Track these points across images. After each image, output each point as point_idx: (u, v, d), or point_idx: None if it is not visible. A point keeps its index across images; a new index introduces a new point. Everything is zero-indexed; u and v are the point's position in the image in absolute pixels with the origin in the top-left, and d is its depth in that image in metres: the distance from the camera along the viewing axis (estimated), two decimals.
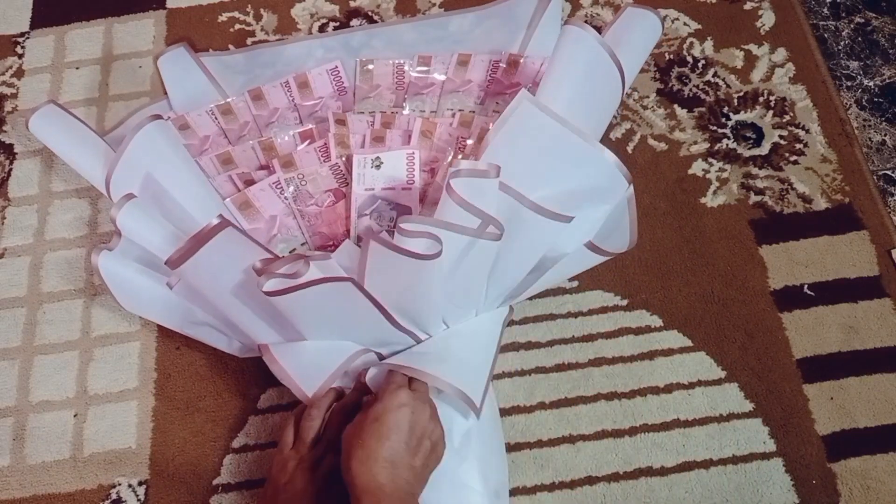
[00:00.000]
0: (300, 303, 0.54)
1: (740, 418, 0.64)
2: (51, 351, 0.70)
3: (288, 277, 0.52)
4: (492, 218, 0.54)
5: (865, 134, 0.77)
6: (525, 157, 0.59)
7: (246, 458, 0.65)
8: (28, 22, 0.87)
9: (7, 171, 0.79)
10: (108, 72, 0.83)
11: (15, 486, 0.65)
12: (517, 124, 0.59)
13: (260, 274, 0.53)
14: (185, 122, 0.76)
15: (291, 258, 0.54)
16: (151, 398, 0.68)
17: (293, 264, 0.53)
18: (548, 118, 0.58)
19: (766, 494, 0.61)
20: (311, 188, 0.72)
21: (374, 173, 0.70)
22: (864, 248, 0.70)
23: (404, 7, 0.85)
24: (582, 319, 0.69)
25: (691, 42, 0.82)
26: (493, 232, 0.54)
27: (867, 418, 0.64)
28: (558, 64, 0.61)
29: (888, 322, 0.67)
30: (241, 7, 0.86)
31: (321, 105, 0.78)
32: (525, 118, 0.59)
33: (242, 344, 0.65)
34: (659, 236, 0.72)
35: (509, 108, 0.59)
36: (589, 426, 0.64)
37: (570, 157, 0.60)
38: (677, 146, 0.76)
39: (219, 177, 0.73)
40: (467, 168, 0.53)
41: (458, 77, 0.78)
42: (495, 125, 0.60)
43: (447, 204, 0.54)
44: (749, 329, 0.67)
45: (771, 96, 0.78)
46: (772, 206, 0.73)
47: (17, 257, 0.74)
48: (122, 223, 0.57)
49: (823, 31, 0.82)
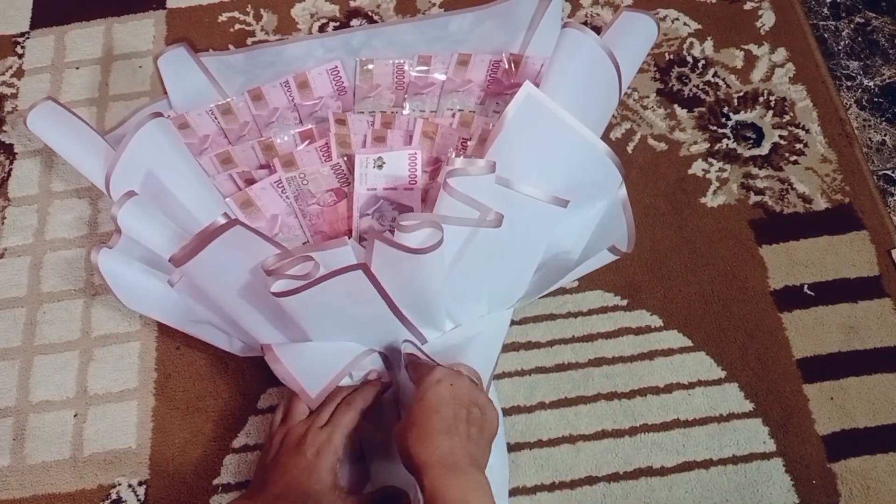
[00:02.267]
0: (307, 301, 0.53)
1: (740, 418, 0.64)
2: (51, 351, 0.70)
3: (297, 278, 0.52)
4: (490, 208, 0.54)
5: (865, 134, 0.77)
6: (526, 150, 0.60)
7: (246, 458, 0.65)
8: (28, 22, 0.87)
9: (7, 171, 0.79)
10: (108, 72, 0.83)
11: (15, 486, 0.65)
12: (520, 117, 0.59)
13: (269, 274, 0.52)
14: (184, 121, 0.76)
15: (302, 256, 0.53)
16: (151, 398, 0.68)
17: (304, 265, 0.53)
18: (550, 110, 0.59)
19: (766, 494, 0.61)
20: (313, 187, 0.72)
21: (377, 173, 0.70)
22: (864, 248, 0.70)
23: (404, 7, 0.85)
24: (582, 319, 0.69)
25: (691, 42, 0.82)
26: (492, 220, 0.54)
27: (867, 418, 0.64)
28: (557, 66, 0.62)
29: (888, 322, 0.67)
30: (241, 7, 0.86)
31: (321, 105, 0.78)
32: (528, 110, 0.59)
33: (244, 343, 0.65)
34: (659, 236, 0.72)
35: (514, 101, 0.59)
36: (589, 426, 0.64)
37: (569, 150, 0.61)
38: (677, 146, 0.76)
39: (219, 175, 0.73)
40: (463, 166, 0.53)
41: (459, 77, 0.78)
42: (501, 118, 0.61)
43: (444, 200, 0.54)
44: (749, 329, 0.67)
45: (771, 96, 0.78)
46: (772, 206, 0.73)
47: (17, 257, 0.74)
48: (123, 221, 0.57)
49: (823, 31, 0.82)
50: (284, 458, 0.53)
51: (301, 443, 0.54)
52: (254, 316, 0.59)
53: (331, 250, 0.54)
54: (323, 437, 0.54)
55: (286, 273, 0.52)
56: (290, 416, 0.57)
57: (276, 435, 0.56)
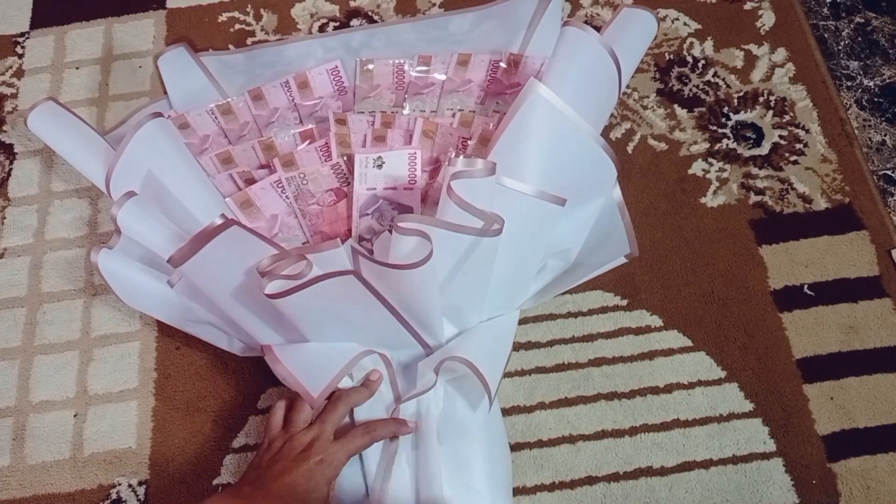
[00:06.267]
0: (301, 302, 0.54)
1: (740, 418, 0.64)
2: (51, 351, 0.70)
3: (291, 279, 0.52)
4: (494, 216, 0.54)
5: (865, 134, 0.77)
6: (531, 148, 0.60)
7: (246, 458, 0.65)
8: (28, 22, 0.87)
9: (7, 171, 0.79)
10: (108, 72, 0.83)
11: (15, 486, 0.65)
12: (526, 115, 0.59)
13: (263, 275, 0.52)
14: (184, 121, 0.76)
15: (296, 256, 0.53)
16: (151, 398, 0.68)
17: (296, 265, 0.53)
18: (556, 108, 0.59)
19: (766, 494, 0.61)
20: (313, 187, 0.72)
21: (376, 173, 0.70)
22: (864, 248, 0.70)
23: (404, 7, 0.85)
24: (582, 319, 0.69)
25: (691, 42, 0.82)
26: (496, 229, 0.54)
27: (867, 418, 0.64)
28: (558, 63, 0.62)
29: (888, 322, 0.67)
30: (241, 7, 0.86)
31: (321, 105, 0.78)
32: (535, 108, 0.59)
33: (243, 343, 0.65)
34: (659, 236, 0.72)
35: (520, 98, 0.59)
36: (589, 426, 0.64)
37: (572, 147, 0.61)
38: (677, 146, 0.76)
39: (219, 175, 0.73)
40: (465, 168, 0.53)
41: (459, 77, 0.78)
42: (506, 116, 0.61)
43: (448, 205, 0.54)
44: (749, 329, 0.67)
45: (771, 96, 0.78)
46: (772, 206, 0.73)
47: (17, 257, 0.74)
48: (123, 221, 0.57)
49: (823, 31, 0.82)
50: (287, 463, 0.53)
51: (307, 450, 0.54)
52: (252, 316, 0.59)
53: (325, 252, 0.54)
54: (331, 449, 0.55)
55: (280, 274, 0.52)
56: (292, 422, 0.57)
57: (277, 440, 0.56)
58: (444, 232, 0.53)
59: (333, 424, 0.57)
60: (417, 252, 0.52)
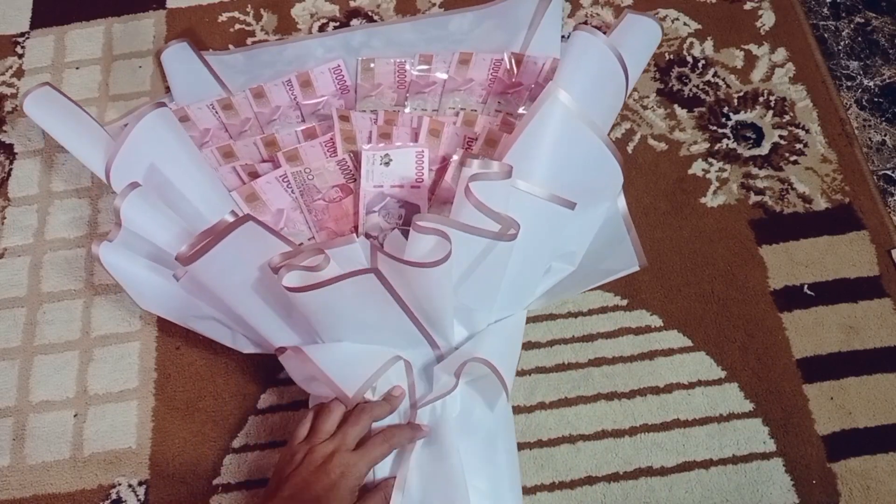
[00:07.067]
0: (318, 298, 0.53)
1: (740, 418, 0.64)
2: (51, 351, 0.70)
3: (309, 270, 0.51)
4: (511, 221, 0.54)
5: (865, 134, 0.77)
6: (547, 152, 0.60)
7: (246, 458, 0.65)
8: (28, 22, 0.87)
9: (7, 171, 0.79)
10: (108, 72, 0.83)
11: (15, 486, 0.65)
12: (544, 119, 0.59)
13: (276, 270, 0.52)
14: (185, 114, 0.76)
15: (311, 251, 0.52)
16: (151, 398, 0.68)
17: (314, 258, 0.52)
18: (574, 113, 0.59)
19: (766, 494, 0.61)
20: (319, 183, 0.71)
21: (383, 170, 0.70)
22: (864, 248, 0.70)
23: (404, 7, 0.85)
24: (582, 319, 0.69)
25: (691, 42, 0.82)
26: (512, 234, 0.54)
27: (867, 418, 0.64)
28: (568, 67, 0.61)
29: (888, 322, 0.67)
30: (241, 7, 0.86)
31: (324, 104, 0.78)
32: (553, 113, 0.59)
33: (247, 339, 0.64)
34: (659, 236, 0.72)
35: (538, 102, 0.59)
36: (589, 426, 0.64)
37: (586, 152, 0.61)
38: (677, 146, 0.76)
39: (221, 168, 0.73)
40: (483, 171, 0.53)
41: (460, 76, 0.78)
42: (523, 118, 0.60)
43: (464, 207, 0.53)
44: (749, 329, 0.67)
45: (771, 96, 0.78)
46: (772, 206, 0.73)
47: (17, 257, 0.74)
48: (126, 213, 0.56)
49: (823, 31, 0.82)
50: (307, 475, 0.53)
51: (327, 462, 0.54)
52: (264, 315, 0.58)
53: (340, 247, 0.54)
54: (351, 460, 0.54)
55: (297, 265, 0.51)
56: (315, 433, 0.56)
57: (299, 451, 0.55)
58: (460, 233, 0.53)
59: (355, 437, 0.56)
60: (436, 251, 0.52)
